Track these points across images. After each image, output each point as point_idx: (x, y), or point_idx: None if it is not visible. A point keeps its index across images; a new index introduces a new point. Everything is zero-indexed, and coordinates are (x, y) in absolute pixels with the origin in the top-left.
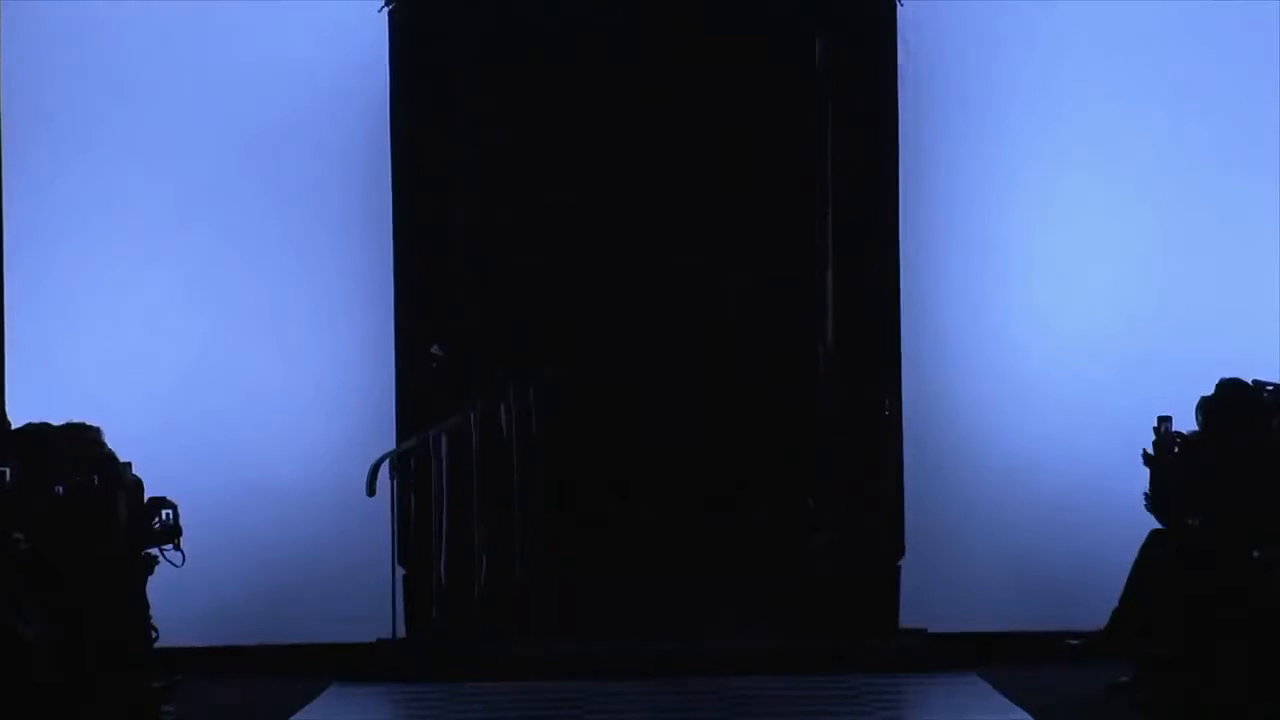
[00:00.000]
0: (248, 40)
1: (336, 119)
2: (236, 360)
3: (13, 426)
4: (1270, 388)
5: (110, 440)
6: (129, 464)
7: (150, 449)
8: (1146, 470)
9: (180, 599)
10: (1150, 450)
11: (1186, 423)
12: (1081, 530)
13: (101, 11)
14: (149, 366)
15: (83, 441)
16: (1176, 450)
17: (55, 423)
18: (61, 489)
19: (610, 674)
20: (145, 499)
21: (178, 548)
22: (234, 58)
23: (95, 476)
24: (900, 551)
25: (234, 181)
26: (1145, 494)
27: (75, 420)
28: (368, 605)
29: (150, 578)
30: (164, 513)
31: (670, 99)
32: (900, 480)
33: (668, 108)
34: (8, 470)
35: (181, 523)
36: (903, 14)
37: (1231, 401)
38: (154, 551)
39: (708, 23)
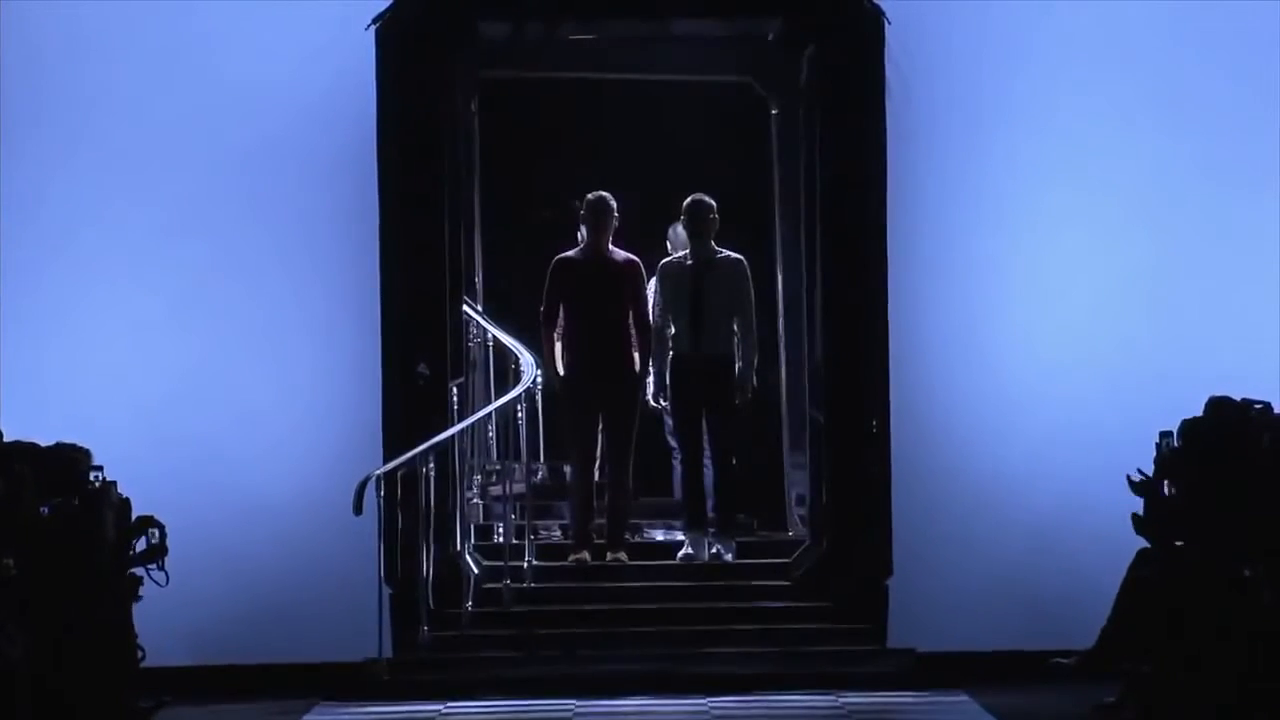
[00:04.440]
0: (235, 58)
1: (324, 137)
2: (224, 378)
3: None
4: (1259, 406)
5: (97, 458)
6: (114, 483)
7: (137, 467)
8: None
9: (166, 618)
10: (1134, 476)
11: None
12: (1070, 549)
13: (89, 29)
14: (136, 384)
15: (69, 461)
16: (1165, 469)
17: (43, 441)
18: (47, 510)
19: (598, 693)
20: (133, 518)
21: (161, 567)
22: (221, 75)
23: (81, 497)
24: (888, 570)
25: (222, 200)
26: (1134, 515)
27: (63, 440)
28: (355, 624)
29: (136, 597)
30: (151, 531)
31: (662, 114)
32: (888, 498)
33: (660, 122)
34: None
35: (168, 542)
36: (891, 30)
37: (1220, 420)
38: (139, 572)
39: (698, 37)
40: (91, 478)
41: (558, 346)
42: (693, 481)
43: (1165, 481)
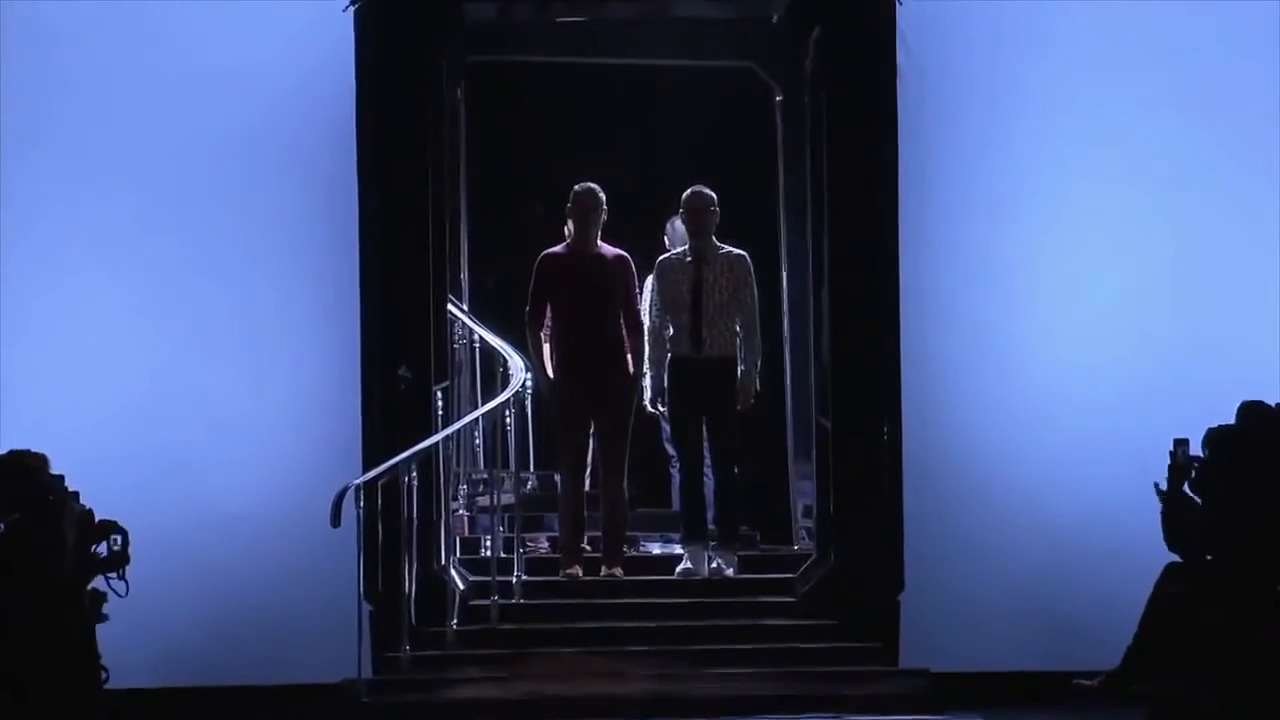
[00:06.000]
0: (208, 43)
1: (301, 126)
2: (193, 380)
3: None
4: None
5: (59, 466)
6: (76, 493)
7: (102, 476)
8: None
9: (132, 637)
10: (1163, 486)
11: None
12: (1092, 563)
13: (54, 14)
14: (101, 387)
15: (26, 470)
16: (1193, 477)
17: None
18: (3, 527)
19: (592, 716)
20: (95, 522)
21: (122, 577)
22: (193, 61)
23: (39, 511)
24: (900, 585)
25: (193, 193)
26: (1163, 523)
27: (17, 448)
28: (332, 643)
29: (100, 616)
30: (113, 538)
31: (659, 101)
32: (899, 509)
33: (657, 110)
34: None
35: (132, 552)
36: (903, 11)
37: (1254, 427)
38: (99, 585)
39: (697, 19)
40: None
41: (546, 348)
42: (692, 491)
43: (1186, 491)
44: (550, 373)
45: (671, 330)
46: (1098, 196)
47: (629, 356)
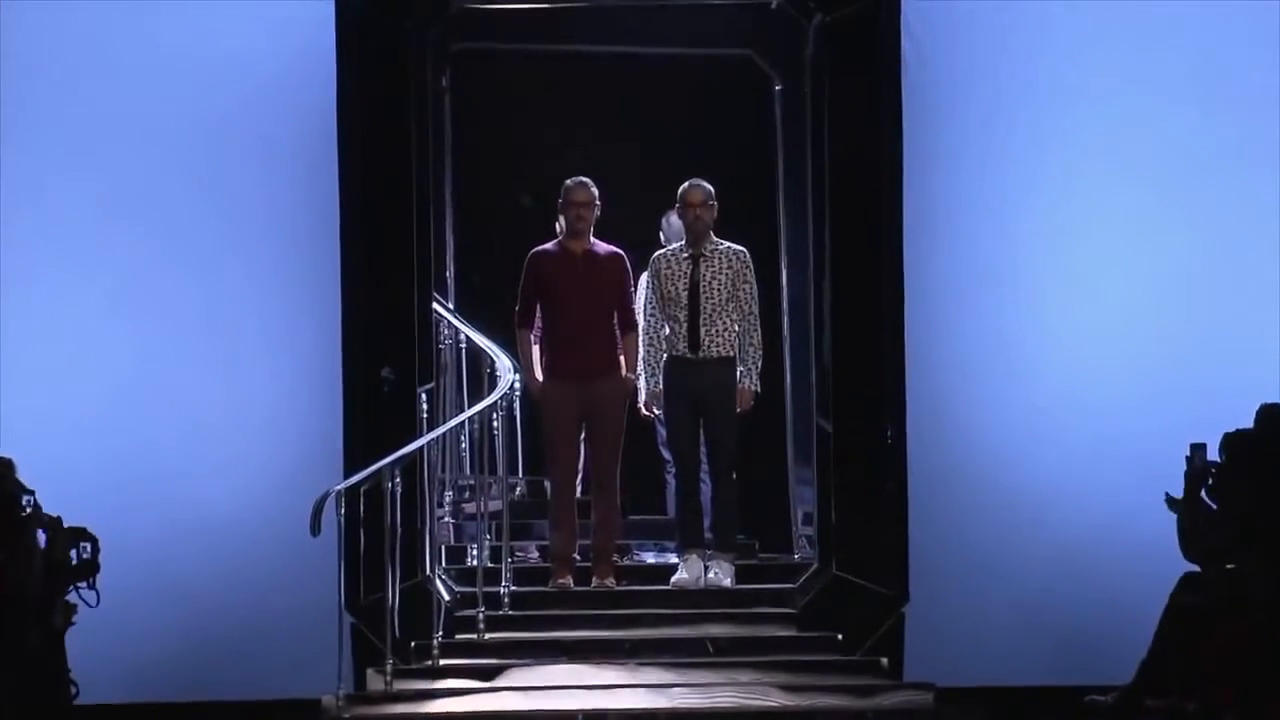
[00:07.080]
0: (183, 29)
1: (280, 117)
2: (169, 383)
3: None
4: None
5: (26, 472)
6: (58, 518)
7: (71, 483)
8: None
9: (103, 650)
10: (1174, 494)
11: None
12: (1105, 574)
13: (26, 3)
14: (70, 389)
15: None
16: (1210, 483)
17: None
18: None
19: None
20: (64, 529)
21: (92, 586)
22: (168, 48)
23: (5, 519)
24: (904, 597)
25: (168, 185)
26: (1179, 531)
27: None
28: (312, 656)
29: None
30: (82, 545)
31: (654, 91)
32: (904, 516)
33: (652, 100)
34: None
35: (102, 561)
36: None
37: (1272, 430)
38: (69, 597)
39: (693, 6)
40: (24, 502)
41: (535, 349)
42: (688, 498)
43: (1203, 498)
44: (539, 375)
45: (668, 330)
46: (1109, 191)
47: (622, 358)
